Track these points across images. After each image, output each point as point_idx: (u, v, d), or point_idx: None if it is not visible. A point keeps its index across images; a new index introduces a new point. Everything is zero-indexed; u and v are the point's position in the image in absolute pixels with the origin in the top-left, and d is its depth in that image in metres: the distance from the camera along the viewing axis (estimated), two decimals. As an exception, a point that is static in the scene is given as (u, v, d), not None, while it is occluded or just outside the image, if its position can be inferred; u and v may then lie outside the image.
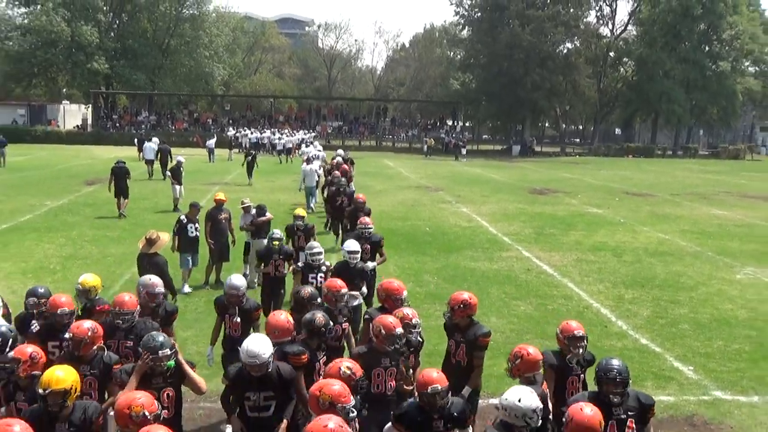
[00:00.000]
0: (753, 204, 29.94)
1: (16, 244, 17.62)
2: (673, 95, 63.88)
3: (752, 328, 12.34)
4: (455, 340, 6.95)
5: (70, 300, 7.10)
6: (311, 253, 9.63)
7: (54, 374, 5.03)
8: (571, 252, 18.43)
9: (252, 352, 5.63)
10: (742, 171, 49.66)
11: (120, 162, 23.36)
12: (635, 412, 5.29)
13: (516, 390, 5.08)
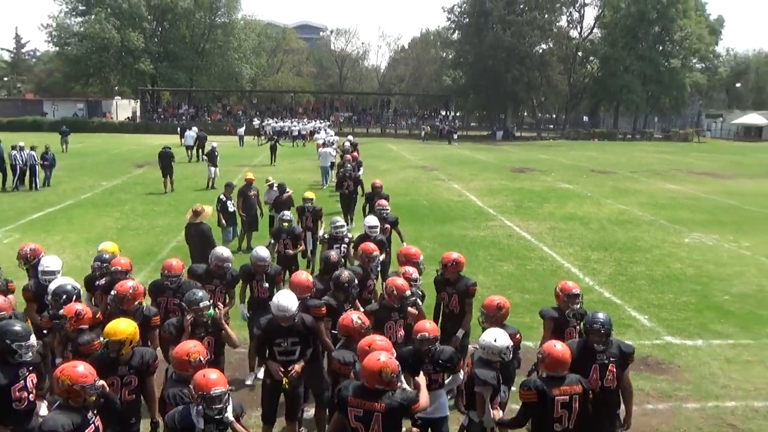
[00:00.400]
0: (700, 179, 29.92)
1: (79, 217, 17.73)
2: (631, 87, 63.82)
3: (698, 283, 12.44)
4: (447, 293, 7.13)
5: (127, 262, 7.19)
6: (335, 227, 9.52)
7: (114, 327, 5.10)
8: (546, 221, 18.49)
9: (282, 307, 5.74)
10: (691, 152, 49.44)
11: (166, 147, 23.61)
12: (616, 358, 5.34)
13: (491, 332, 5.26)
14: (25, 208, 18.87)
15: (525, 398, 4.87)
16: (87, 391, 4.23)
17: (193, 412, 4.23)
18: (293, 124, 52.04)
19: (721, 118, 78.45)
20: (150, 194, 22.16)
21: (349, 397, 4.43)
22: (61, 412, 4.18)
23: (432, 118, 67.31)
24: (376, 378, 4.38)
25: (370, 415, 4.37)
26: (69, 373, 4.25)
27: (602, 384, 5.31)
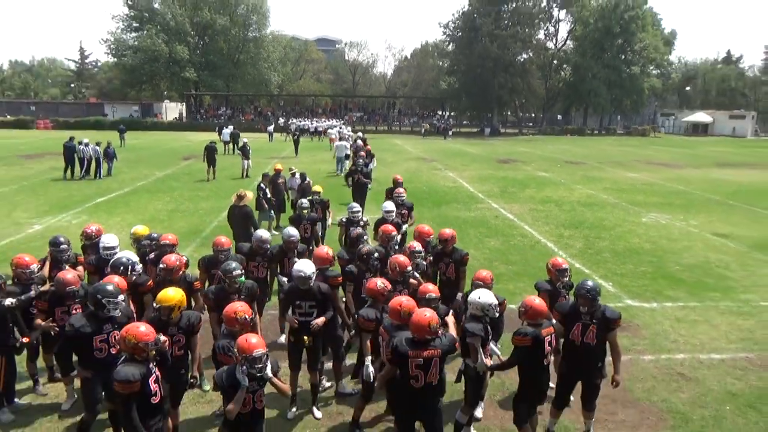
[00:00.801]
0: (655, 168, 29.74)
1: (135, 202, 17.79)
2: (598, 91, 63.41)
3: (653, 256, 12.42)
4: (444, 263, 7.22)
5: (174, 237, 7.23)
6: (352, 212, 9.28)
7: (164, 294, 5.14)
8: (526, 204, 18.44)
9: (297, 269, 5.86)
10: (648, 145, 49.08)
11: (212, 142, 23.93)
12: (599, 321, 5.33)
13: (478, 292, 5.36)
14: (91, 194, 18.95)
15: (520, 343, 4.94)
16: (149, 346, 4.31)
17: (238, 371, 4.24)
18: (312, 123, 52.11)
19: (673, 116, 77.83)
20: (195, 182, 22.21)
21: (409, 351, 4.55)
22: (128, 365, 4.26)
23: (430, 117, 67.10)
24: (427, 330, 4.58)
25: (429, 360, 4.57)
26: (134, 332, 4.31)
27: (582, 339, 5.37)
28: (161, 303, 5.07)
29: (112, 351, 5.11)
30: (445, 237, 7.30)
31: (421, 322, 4.61)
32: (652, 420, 6.04)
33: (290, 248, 7.48)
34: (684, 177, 26.27)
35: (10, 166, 25.93)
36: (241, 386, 4.20)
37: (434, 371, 4.63)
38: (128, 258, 6.33)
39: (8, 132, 49.28)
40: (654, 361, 7.40)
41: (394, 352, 4.61)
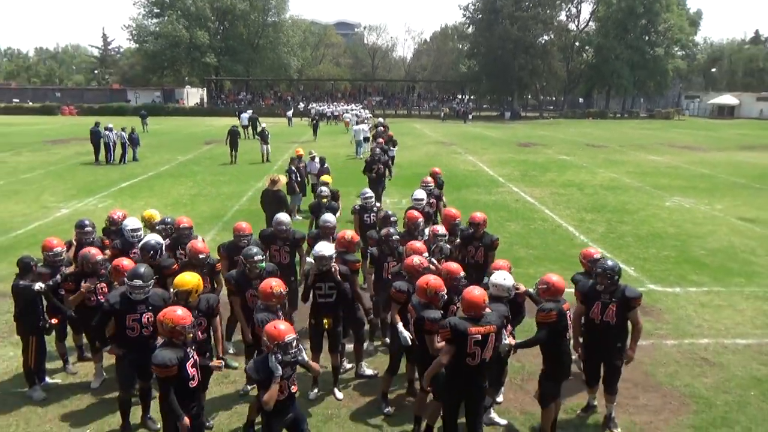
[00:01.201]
0: (679, 152, 29.17)
1: (158, 186, 17.99)
2: (621, 73, 62.17)
3: (677, 240, 12.23)
4: (473, 246, 7.18)
5: (189, 220, 7.28)
6: (365, 197, 9.13)
7: (181, 279, 5.15)
8: (547, 187, 18.25)
9: (318, 250, 5.92)
10: (672, 128, 48.12)
11: (234, 126, 24.35)
12: (618, 300, 5.32)
13: (502, 273, 5.33)
14: (115, 179, 19.20)
15: (546, 319, 4.96)
16: (186, 330, 4.35)
17: (270, 360, 4.18)
18: (330, 107, 52.17)
19: (698, 98, 76.01)
20: (217, 166, 22.38)
21: (469, 328, 4.56)
22: (166, 348, 4.30)
23: (450, 101, 66.48)
24: (482, 306, 4.64)
25: (487, 336, 4.60)
26: (171, 316, 4.36)
27: (602, 318, 5.36)
28: (178, 287, 5.10)
29: (144, 332, 5.18)
30: (477, 221, 7.25)
31: (475, 299, 4.64)
32: (675, 405, 5.98)
33: (327, 234, 7.32)
34: (708, 160, 25.74)
35: (37, 151, 26.37)
36: (275, 376, 4.14)
37: (489, 347, 4.66)
38: (157, 241, 6.43)
39: (35, 118, 50.08)
40: (677, 345, 7.31)
41: (454, 331, 4.57)
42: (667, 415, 5.78)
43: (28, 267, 5.89)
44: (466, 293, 4.75)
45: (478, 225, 7.24)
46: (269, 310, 5.06)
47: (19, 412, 5.76)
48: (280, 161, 22.65)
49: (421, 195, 9.04)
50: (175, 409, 4.26)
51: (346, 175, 18.43)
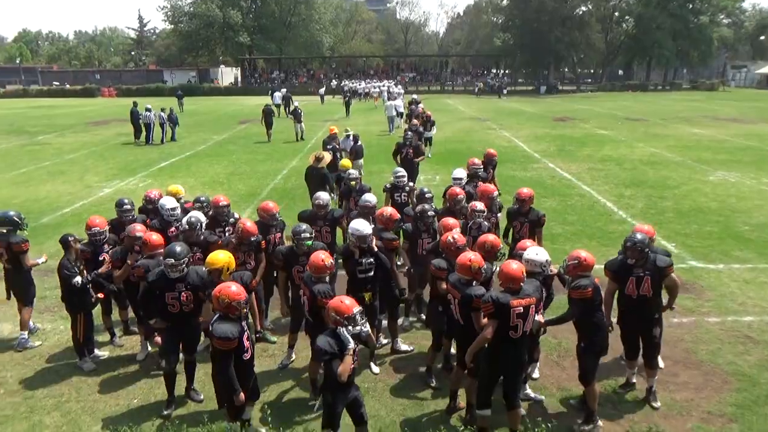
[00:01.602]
0: (723, 124, 28.08)
1: (195, 165, 18.31)
2: (663, 43, 59.83)
3: (721, 215, 11.87)
4: (519, 222, 7.16)
5: (226, 199, 7.37)
6: (397, 176, 8.97)
7: (213, 258, 5.28)
8: (584, 163, 17.88)
9: (356, 228, 5.97)
10: (716, 99, 46.32)
11: (268, 105, 24.57)
12: (651, 271, 5.26)
13: (535, 248, 5.36)
14: (154, 159, 19.62)
15: (582, 296, 4.90)
16: (241, 305, 4.50)
17: (342, 333, 4.24)
18: (361, 84, 52.06)
19: (745, 68, 72.89)
20: (252, 144, 22.62)
21: (511, 300, 4.60)
22: (226, 322, 4.45)
23: (484, 75, 65.36)
24: (521, 278, 4.67)
25: (528, 308, 4.64)
26: (226, 292, 4.49)
27: (639, 292, 5.30)
28: (210, 266, 5.21)
29: (184, 309, 5.34)
30: (523, 197, 7.22)
31: (512, 272, 4.66)
32: (717, 382, 5.87)
33: (366, 214, 7.25)
34: (755, 132, 24.75)
35: (80, 132, 27.10)
36: (347, 348, 4.20)
37: (530, 319, 4.70)
38: (197, 218, 6.58)
39: (76, 100, 51.37)
40: (719, 323, 7.14)
41: (496, 305, 4.59)
42: (709, 393, 5.68)
43: (67, 244, 6.17)
44: (504, 267, 4.75)
45: (523, 201, 7.21)
46: (322, 281, 5.23)
47: (71, 382, 6.03)
48: (314, 139, 22.74)
49: (460, 174, 8.82)
50: (232, 383, 4.43)
51: (378, 152, 18.40)
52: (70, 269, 6.08)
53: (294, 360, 6.34)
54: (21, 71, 74.00)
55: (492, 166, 10.32)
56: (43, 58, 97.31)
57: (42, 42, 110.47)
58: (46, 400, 5.70)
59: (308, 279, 5.37)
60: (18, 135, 26.32)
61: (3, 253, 6.68)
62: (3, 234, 6.66)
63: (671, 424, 5.15)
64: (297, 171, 16.88)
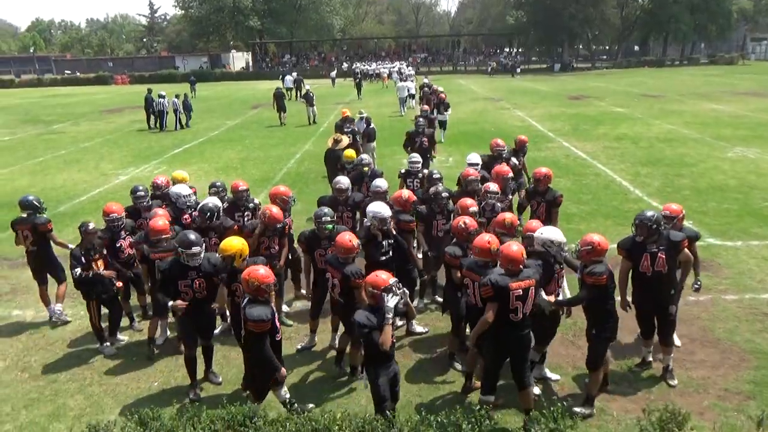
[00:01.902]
0: (743, 99, 27.51)
1: (209, 151, 18.40)
2: (680, 17, 58.50)
3: (739, 192, 11.71)
4: (536, 201, 7.12)
5: (245, 183, 7.39)
6: (411, 162, 8.81)
7: (225, 244, 5.28)
8: (600, 141, 17.69)
9: (376, 211, 6.01)
10: (735, 74, 45.32)
11: (278, 89, 24.51)
12: (665, 247, 5.24)
13: (542, 228, 5.33)
14: (168, 145, 19.74)
15: (597, 282, 4.81)
16: (270, 288, 4.58)
17: (387, 301, 4.31)
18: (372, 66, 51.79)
19: (766, 41, 71.01)
20: (265, 129, 22.65)
21: (509, 284, 4.61)
22: (257, 305, 4.54)
23: (497, 54, 64.52)
24: (521, 260, 4.67)
25: (527, 291, 4.65)
26: (255, 275, 4.56)
27: (653, 269, 5.27)
28: (223, 252, 5.23)
29: (198, 296, 5.39)
30: (539, 176, 7.20)
31: (512, 254, 4.65)
32: (734, 360, 5.84)
33: (379, 199, 7.10)
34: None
35: (95, 121, 27.32)
36: (386, 318, 4.28)
37: (530, 302, 4.70)
38: (215, 204, 6.63)
39: (90, 89, 51.68)
40: (737, 301, 7.09)
41: (495, 288, 4.60)
42: (726, 371, 5.65)
43: (82, 232, 6.33)
44: (504, 249, 4.73)
45: (539, 180, 7.19)
46: (350, 262, 5.36)
47: (93, 366, 6.17)
48: (326, 123, 22.71)
49: (475, 159, 8.63)
50: (272, 361, 4.57)
51: (390, 135, 18.34)
52: (77, 258, 6.19)
53: (315, 344, 6.42)
54: (35, 60, 74.53)
55: (523, 153, 10.14)
56: (56, 47, 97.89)
57: (55, 31, 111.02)
58: (69, 384, 5.84)
59: (335, 261, 5.45)
60: (34, 124, 26.60)
61: (28, 235, 6.96)
62: (25, 217, 7.00)
63: (688, 401, 5.14)
64: (310, 155, 16.91)
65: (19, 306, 7.73)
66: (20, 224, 7.04)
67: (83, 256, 6.22)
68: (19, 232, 7.05)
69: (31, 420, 5.28)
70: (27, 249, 7.12)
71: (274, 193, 7.00)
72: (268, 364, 4.58)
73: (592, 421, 4.95)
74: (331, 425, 3.60)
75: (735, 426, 4.73)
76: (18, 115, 30.40)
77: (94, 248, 6.33)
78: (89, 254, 6.27)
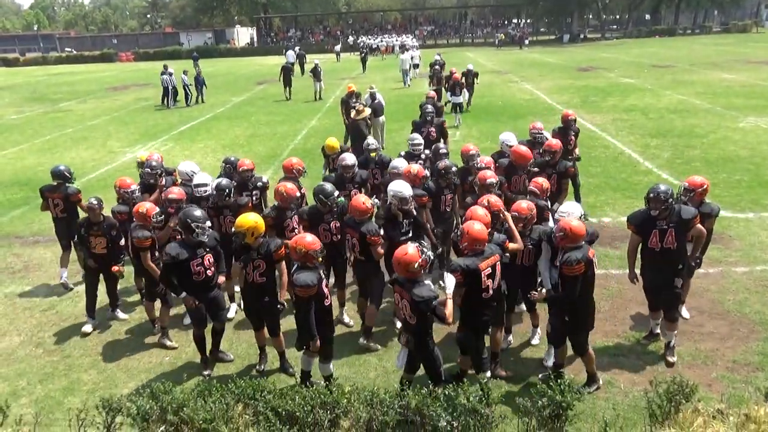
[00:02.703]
0: (756, 68, 27.00)
1: (215, 128, 18.36)
2: (693, -16, 57.33)
3: (751, 163, 11.57)
4: (547, 173, 7.09)
5: (251, 162, 7.35)
6: (412, 144, 8.23)
7: (239, 220, 5.17)
8: (609, 113, 17.47)
9: (398, 190, 5.96)
10: (749, 42, 44.39)
11: (287, 63, 24.42)
12: (675, 223, 5.14)
13: (569, 205, 5.33)
14: (174, 122, 19.70)
15: (572, 272, 4.59)
16: (317, 254, 4.71)
17: (448, 278, 4.42)
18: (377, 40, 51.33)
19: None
20: (271, 105, 22.53)
21: (478, 265, 4.60)
22: (303, 271, 4.65)
23: (505, 26, 63.71)
24: (485, 239, 4.67)
25: (494, 267, 4.72)
26: (303, 242, 4.70)
27: (662, 245, 5.20)
28: (237, 229, 5.15)
29: (208, 273, 5.41)
30: (554, 149, 7.21)
31: (477, 233, 4.62)
32: (743, 332, 5.83)
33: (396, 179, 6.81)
34: (789, 76, 23.81)
35: (101, 98, 27.27)
36: (448, 294, 4.33)
37: (497, 276, 4.76)
38: (228, 181, 6.64)
39: (95, 66, 51.51)
40: (747, 273, 7.05)
41: (466, 272, 4.56)
42: (734, 342, 5.65)
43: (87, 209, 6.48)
44: (467, 228, 4.66)
45: (554, 152, 7.18)
46: (367, 221, 5.64)
47: (105, 342, 6.26)
48: (332, 98, 22.55)
49: (512, 140, 7.97)
50: (311, 329, 4.67)
51: (397, 109, 18.21)
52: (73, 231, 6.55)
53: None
54: (39, 38, 74.28)
55: (574, 132, 9.29)
56: (60, 25, 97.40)
57: (58, 8, 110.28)
58: (83, 359, 5.94)
59: (352, 222, 5.70)
60: (41, 102, 26.61)
61: (59, 203, 7.41)
62: (56, 186, 7.43)
63: (696, 373, 5.15)
64: (316, 131, 16.84)
65: (31, 283, 7.82)
66: (51, 192, 7.43)
67: (80, 230, 6.42)
68: (49, 200, 7.43)
69: (47, 394, 5.37)
70: (56, 216, 7.50)
71: (288, 165, 7.10)
72: (306, 330, 4.68)
73: (600, 393, 4.97)
74: (340, 398, 3.65)
75: (743, 397, 4.73)
76: (24, 94, 30.40)
77: (95, 225, 6.40)
78: (87, 231, 6.39)
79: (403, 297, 4.41)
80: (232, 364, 5.73)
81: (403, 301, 4.43)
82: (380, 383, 5.09)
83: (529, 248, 5.33)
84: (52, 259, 8.34)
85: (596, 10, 68.98)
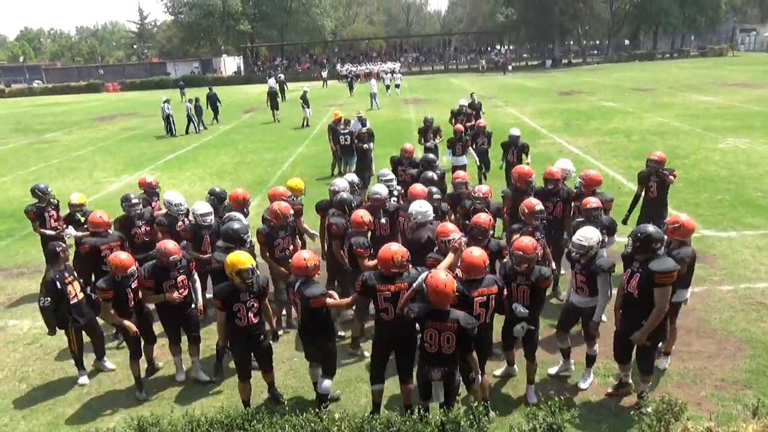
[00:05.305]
0: (732, 90, 27.66)
1: (203, 156, 18.35)
2: (669, 11, 58.77)
3: (731, 183, 11.77)
4: (552, 202, 6.98)
5: (245, 192, 7.23)
6: (386, 180, 7.49)
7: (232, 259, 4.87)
8: (592, 136, 17.74)
9: (419, 210, 6.04)
10: (725, 65, 45.52)
11: (271, 88, 25.20)
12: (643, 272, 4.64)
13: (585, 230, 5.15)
14: (162, 151, 19.69)
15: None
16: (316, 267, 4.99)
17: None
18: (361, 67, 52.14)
19: (755, 32, 71.49)
20: (258, 133, 22.61)
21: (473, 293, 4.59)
22: (310, 285, 4.83)
23: (488, 52, 64.64)
24: (483, 268, 4.59)
25: (489, 298, 4.66)
26: (298, 261, 4.91)
27: (626, 288, 4.85)
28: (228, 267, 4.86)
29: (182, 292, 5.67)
30: (556, 177, 6.96)
31: (475, 261, 4.55)
32: (730, 350, 5.87)
33: (376, 207, 6.69)
34: (765, 97, 24.37)
35: (87, 129, 27.21)
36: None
37: (491, 310, 4.71)
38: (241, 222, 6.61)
39: (81, 96, 51.46)
40: (732, 291, 7.13)
41: (463, 296, 4.47)
42: (722, 361, 5.68)
43: (55, 254, 5.77)
44: (466, 256, 4.60)
45: (557, 181, 6.97)
46: (361, 235, 5.97)
47: (90, 375, 6.15)
48: (320, 125, 22.69)
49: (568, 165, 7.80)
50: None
51: (383, 136, 18.37)
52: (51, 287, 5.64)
53: None
54: (25, 69, 74.26)
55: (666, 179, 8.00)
56: (46, 56, 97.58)
57: (44, 39, 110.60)
58: (67, 393, 5.83)
59: (350, 234, 6.09)
60: (26, 133, 26.48)
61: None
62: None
63: (685, 392, 5.16)
64: (304, 157, 16.91)
65: (15, 316, 7.70)
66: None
67: (57, 281, 5.63)
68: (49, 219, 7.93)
69: (30, 429, 5.26)
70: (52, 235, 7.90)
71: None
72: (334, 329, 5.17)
73: (590, 414, 4.96)
74: (330, 426, 3.61)
75: (732, 415, 4.75)
76: (9, 125, 30.24)
77: (69, 269, 5.92)
78: (63, 278, 5.69)
79: (445, 329, 4.15)
80: (220, 393, 5.65)
81: (444, 334, 4.14)
82: (371, 409, 5.04)
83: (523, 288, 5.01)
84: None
85: (577, 36, 70.55)
